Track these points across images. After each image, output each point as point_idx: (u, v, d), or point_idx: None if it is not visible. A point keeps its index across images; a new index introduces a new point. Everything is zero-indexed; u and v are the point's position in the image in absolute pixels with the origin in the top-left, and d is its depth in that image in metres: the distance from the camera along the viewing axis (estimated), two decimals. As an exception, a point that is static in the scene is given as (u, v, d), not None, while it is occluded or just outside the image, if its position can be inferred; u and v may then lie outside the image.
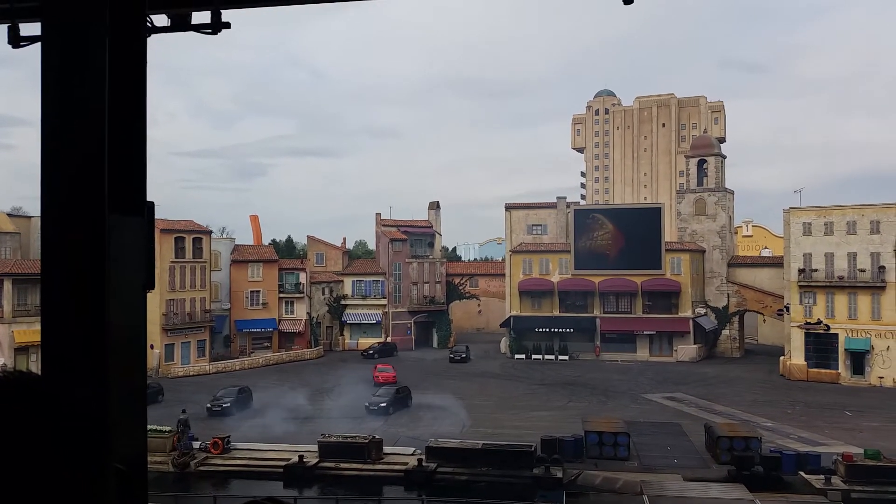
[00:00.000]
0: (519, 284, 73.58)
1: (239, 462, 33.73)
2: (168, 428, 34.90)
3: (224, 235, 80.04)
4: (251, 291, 72.95)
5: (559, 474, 30.92)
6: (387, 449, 34.55)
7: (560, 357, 70.92)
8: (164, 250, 63.36)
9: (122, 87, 1.95)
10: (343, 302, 79.30)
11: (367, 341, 77.61)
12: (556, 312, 72.86)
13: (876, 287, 56.83)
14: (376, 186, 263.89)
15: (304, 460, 32.50)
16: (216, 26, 2.55)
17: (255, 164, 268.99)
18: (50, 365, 1.77)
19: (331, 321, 78.77)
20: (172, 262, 63.96)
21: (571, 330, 71.83)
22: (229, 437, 35.42)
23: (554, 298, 73.10)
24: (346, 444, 33.51)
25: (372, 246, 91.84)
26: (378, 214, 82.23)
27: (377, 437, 34.54)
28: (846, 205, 59.54)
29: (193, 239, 66.25)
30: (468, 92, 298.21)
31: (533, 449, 32.52)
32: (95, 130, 1.86)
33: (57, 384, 1.65)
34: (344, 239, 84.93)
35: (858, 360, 57.85)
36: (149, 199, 2.08)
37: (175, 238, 64.71)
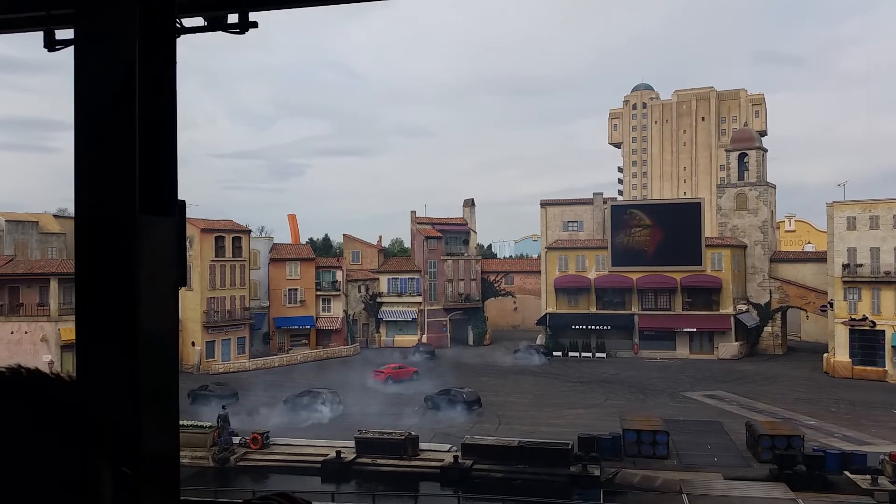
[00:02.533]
0: (555, 281, 73.13)
1: (277, 457, 34.21)
2: (209, 424, 35.57)
3: (262, 234, 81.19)
4: (289, 289, 73.87)
5: (596, 472, 30.67)
6: (423, 445, 34.68)
7: (597, 355, 70.26)
8: (204, 249, 64.53)
9: (152, 88, 1.97)
10: (379, 299, 79.78)
11: (403, 339, 78.01)
12: (593, 309, 72.23)
13: (925, 282, 55.07)
14: (411, 185, 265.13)
15: (342, 456, 32.82)
16: (244, 26, 2.58)
17: (292, 165, 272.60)
18: (84, 364, 1.80)
19: (367, 319, 79.31)
20: (213, 261, 65.08)
21: (609, 327, 71.13)
22: (268, 432, 35.94)
23: (590, 295, 72.47)
24: (382, 439, 33.72)
25: (407, 244, 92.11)
26: (413, 212, 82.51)
27: (413, 433, 34.69)
28: (892, 198, 57.80)
29: (233, 238, 67.33)
30: (501, 90, 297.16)
31: (570, 447, 32.30)
32: (126, 132, 1.89)
33: (87, 384, 1.68)
34: (380, 237, 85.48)
35: (906, 358, 56.13)
36: (186, 199, 2.10)
37: (215, 237, 65.85)
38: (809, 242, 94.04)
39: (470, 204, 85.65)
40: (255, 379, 56.21)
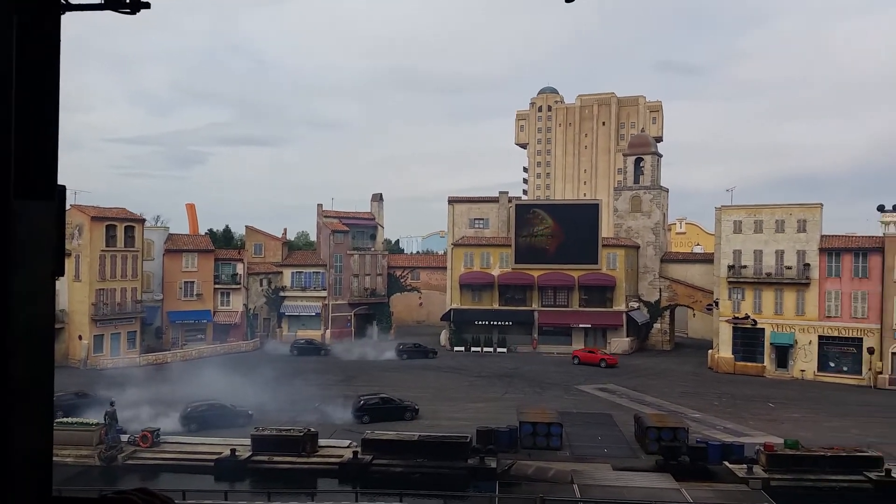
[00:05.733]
0: (460, 277, 74.04)
1: (168, 455, 32.96)
2: (95, 421, 33.83)
3: (158, 224, 77.77)
4: (185, 282, 71.20)
5: (493, 465, 31.32)
6: (322, 441, 34.33)
7: (499, 349, 71.76)
8: (94, 238, 61.30)
9: (31, 67, 1.90)
10: (282, 294, 78.21)
11: (306, 333, 76.91)
12: (496, 305, 73.64)
13: (801, 284, 59.45)
14: (318, 178, 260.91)
15: (237, 454, 32.01)
16: (135, 5, 2.50)
17: (193, 152, 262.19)
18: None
19: (268, 313, 77.58)
20: (103, 250, 61.92)
21: (510, 323, 72.79)
22: (159, 429, 34.57)
23: (494, 292, 73.84)
24: (280, 436, 33.14)
25: (313, 237, 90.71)
26: (320, 206, 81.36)
27: (312, 429, 34.28)
28: (775, 204, 61.99)
29: (126, 227, 64.22)
30: (412, 87, 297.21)
31: (468, 440, 32.84)
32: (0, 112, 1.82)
33: None
34: (284, 230, 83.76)
35: (782, 354, 60.48)
36: (77, 185, 2.02)
37: (106, 226, 62.68)
38: (698, 244, 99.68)
39: (378, 198, 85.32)
40: (135, 377, 53.37)
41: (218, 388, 43.63)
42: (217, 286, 72.42)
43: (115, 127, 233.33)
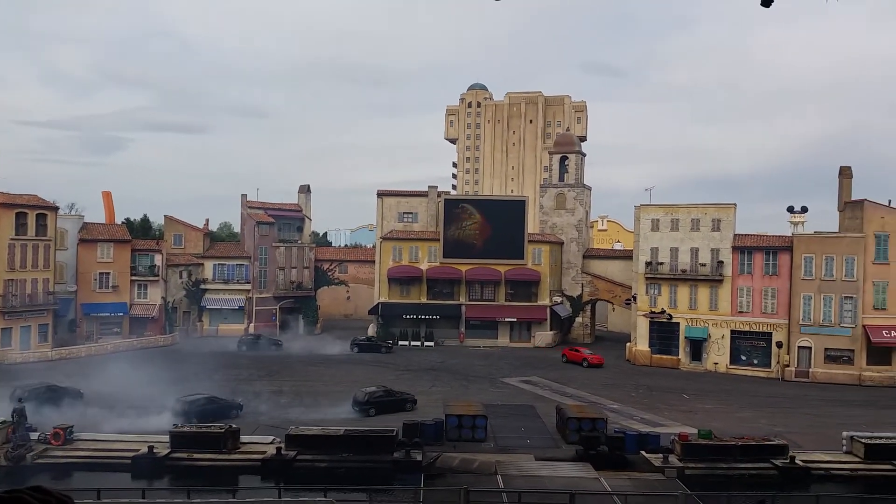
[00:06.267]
0: (388, 271, 73.91)
1: (82, 453, 31.68)
2: (2, 419, 32.17)
3: (72, 212, 74.37)
4: (100, 273, 68.39)
5: (419, 457, 31.53)
6: (245, 438, 33.75)
7: (426, 343, 72.09)
8: (3, 226, 58.26)
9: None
10: (203, 286, 76.13)
11: (228, 327, 75.27)
12: (424, 299, 73.91)
13: (714, 280, 62.14)
14: (244, 167, 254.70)
15: (154, 451, 31.09)
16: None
17: (111, 138, 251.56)
18: None
19: (188, 306, 75.41)
20: (12, 239, 58.84)
21: (438, 317, 73.22)
22: (72, 427, 33.18)
23: (422, 286, 74.08)
24: (199, 433, 32.38)
25: (237, 229, 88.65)
26: (244, 196, 79.51)
27: (234, 426, 33.63)
28: (691, 204, 64.50)
29: (37, 215, 61.11)
30: (343, 78, 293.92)
31: (394, 433, 32.94)
32: None
33: None
34: (206, 220, 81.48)
35: (697, 348, 63.11)
36: None
37: (16, 213, 59.64)
38: (619, 241, 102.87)
39: (305, 190, 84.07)
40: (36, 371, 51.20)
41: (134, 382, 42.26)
42: (134, 278, 69.87)
43: (26, 109, 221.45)
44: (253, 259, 76.48)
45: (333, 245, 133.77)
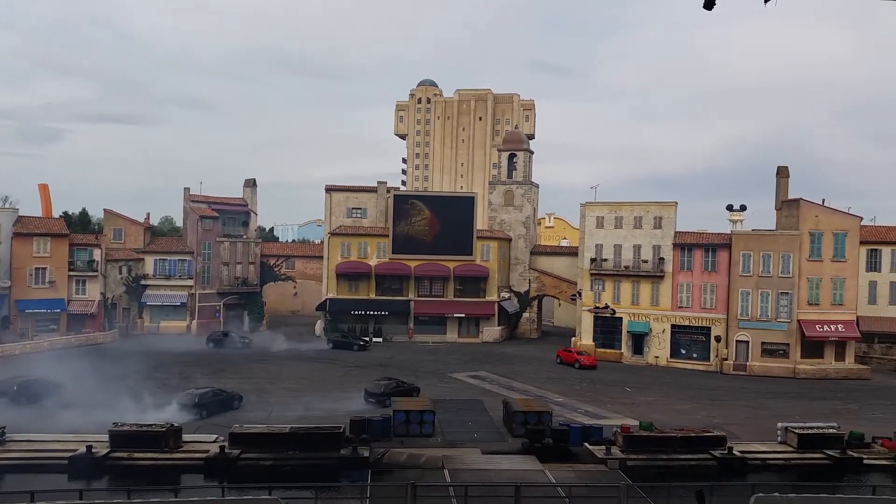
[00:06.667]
0: (337, 267, 73.37)
1: (15, 455, 30.49)
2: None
3: (6, 205, 71.48)
4: (36, 268, 65.97)
5: (366, 454, 31.44)
6: (187, 437, 33.08)
7: (374, 339, 71.87)
8: (-74, 219, 55.45)
9: None
10: (143, 282, 74.15)
11: (169, 324, 73.64)
12: (373, 295, 73.66)
13: (656, 276, 63.69)
14: (187, 160, 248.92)
15: (93, 451, 30.20)
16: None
17: (48, 129, 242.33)
18: None
19: (128, 302, 73.37)
20: (-63, 233, 56.17)
21: (386, 313, 73.09)
22: (4, 428, 31.93)
23: (371, 281, 73.80)
24: (140, 432, 31.57)
25: (179, 223, 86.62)
26: (187, 189, 77.72)
27: (176, 424, 32.93)
28: (634, 201, 65.92)
29: (-35, 207, 58.49)
30: (292, 70, 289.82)
31: (341, 430, 32.75)
32: None
33: None
34: (148, 214, 79.36)
35: (638, 342, 64.62)
36: None
37: (-59, 206, 56.83)
38: (565, 238, 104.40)
39: (251, 184, 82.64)
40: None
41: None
42: (72, 273, 67.62)
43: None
44: (196, 254, 74.87)
45: (280, 240, 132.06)
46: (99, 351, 60.13)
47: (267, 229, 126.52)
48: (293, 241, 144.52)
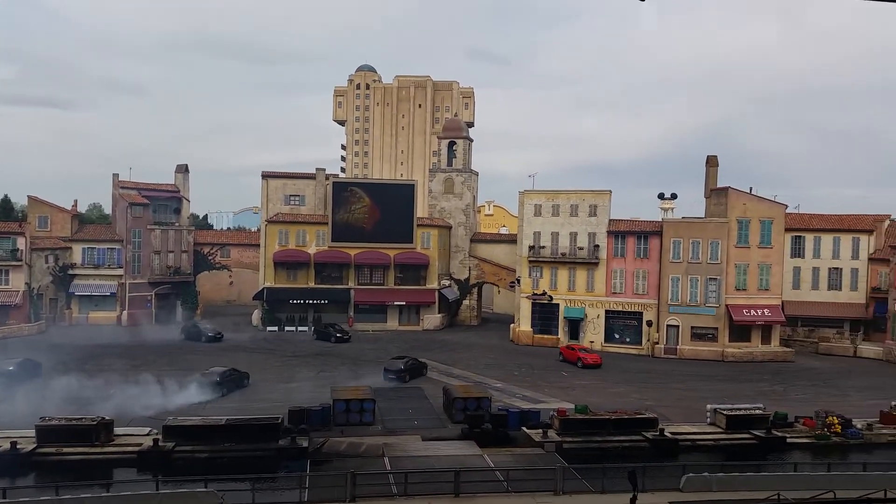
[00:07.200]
0: (274, 255, 72.18)
1: (-67, 454, 29.08)
2: None
3: (-84, 191, 67.43)
4: (-47, 258, 62.62)
5: (305, 444, 31.24)
6: (119, 430, 32.19)
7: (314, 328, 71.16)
8: None
9: None
10: (71, 271, 71.36)
11: (99, 315, 71.23)
12: (312, 284, 72.85)
13: (591, 263, 65.05)
14: (118, 145, 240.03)
15: (18, 447, 29.07)
16: None
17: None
18: None
19: (55, 293, 70.52)
20: None
21: (326, 301, 72.45)
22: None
23: (310, 270, 72.95)
24: (69, 426, 30.56)
25: (108, 210, 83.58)
26: (116, 175, 74.99)
27: (107, 417, 31.98)
28: (570, 190, 67.03)
29: None
30: (225, 54, 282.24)
31: (279, 421, 32.43)
32: None
33: None
34: (75, 201, 76.36)
35: (574, 327, 65.99)
36: None
37: None
38: (504, 226, 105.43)
39: (183, 170, 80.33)
40: None
41: None
42: (-7, 263, 64.49)
43: None
44: (126, 242, 72.42)
45: (215, 228, 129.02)
46: (25, 343, 57.59)
47: (201, 217, 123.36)
48: (228, 228, 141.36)
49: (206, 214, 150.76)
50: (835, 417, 36.16)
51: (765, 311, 61.41)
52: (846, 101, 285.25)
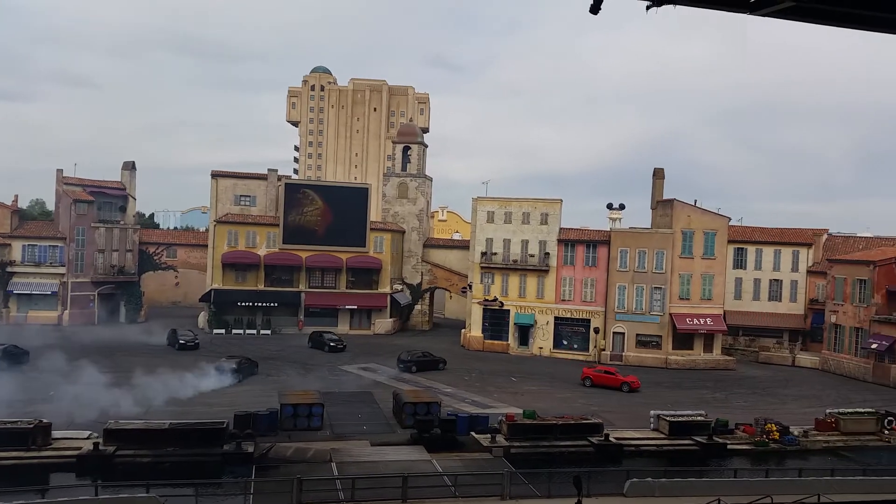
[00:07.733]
0: (223, 256, 70.95)
1: None
2: None
3: None
4: None
5: (250, 449, 30.80)
6: (57, 433, 31.19)
7: (262, 332, 70.24)
8: None
9: None
10: (10, 269, 68.82)
11: (39, 314, 68.85)
12: (262, 286, 71.84)
13: (542, 270, 65.87)
14: (64, 140, 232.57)
15: (-52, 452, 27.90)
16: None
17: None
18: None
19: (-8, 291, 67.90)
20: None
21: (276, 304, 71.53)
22: None
23: (260, 272, 71.95)
24: (2, 429, 29.49)
25: (51, 206, 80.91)
26: (60, 171, 72.68)
27: (45, 420, 30.96)
28: (523, 198, 67.82)
29: None
30: (177, 50, 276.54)
31: (224, 425, 31.89)
32: None
33: None
34: (16, 196, 73.58)
35: (524, 333, 66.68)
36: None
37: None
38: (457, 231, 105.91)
39: (130, 167, 78.32)
40: None
41: None
42: (-76, 259, 61.78)
43: None
44: (69, 240, 70.24)
45: (162, 227, 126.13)
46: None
47: (147, 215, 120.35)
48: (175, 228, 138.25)
49: (153, 213, 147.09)
50: (773, 425, 37.42)
51: (707, 320, 63.13)
52: (789, 119, 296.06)
